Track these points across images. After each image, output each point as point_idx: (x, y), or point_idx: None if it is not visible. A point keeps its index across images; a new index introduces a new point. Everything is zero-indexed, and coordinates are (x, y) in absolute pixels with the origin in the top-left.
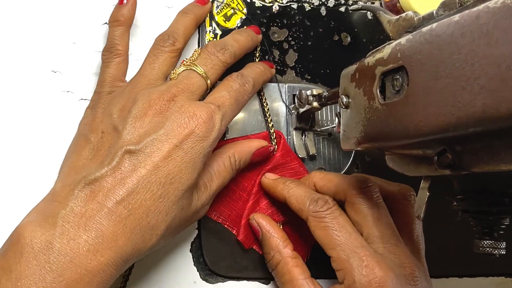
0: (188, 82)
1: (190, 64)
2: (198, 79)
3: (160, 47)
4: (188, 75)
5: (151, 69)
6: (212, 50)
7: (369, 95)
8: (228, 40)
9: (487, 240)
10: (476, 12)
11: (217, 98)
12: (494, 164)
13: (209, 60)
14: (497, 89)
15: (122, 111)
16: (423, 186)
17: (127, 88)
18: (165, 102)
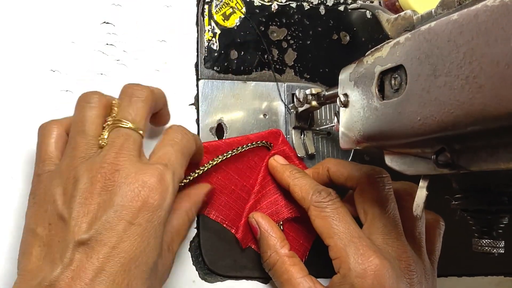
0: (121, 141)
1: (114, 122)
2: (132, 134)
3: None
4: (118, 134)
5: (83, 138)
6: (128, 91)
7: (367, 94)
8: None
9: (486, 239)
10: (474, 11)
11: (162, 156)
12: (493, 163)
13: (130, 108)
14: (496, 87)
15: (64, 195)
16: (421, 185)
17: (63, 164)
18: (108, 176)
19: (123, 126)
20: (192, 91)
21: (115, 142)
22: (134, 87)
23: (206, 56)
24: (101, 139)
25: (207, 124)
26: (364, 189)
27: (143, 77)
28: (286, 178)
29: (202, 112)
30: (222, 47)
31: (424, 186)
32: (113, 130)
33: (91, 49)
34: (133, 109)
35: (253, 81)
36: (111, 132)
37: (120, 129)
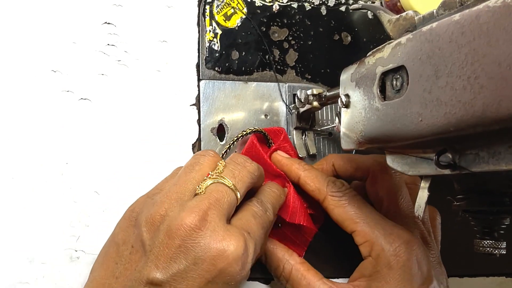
0: (218, 195)
1: (217, 176)
2: (229, 192)
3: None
4: (217, 188)
5: (187, 181)
6: (238, 160)
7: (369, 94)
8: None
9: (488, 240)
10: (476, 12)
11: (245, 223)
12: (494, 164)
13: (236, 171)
14: (498, 88)
15: (151, 224)
16: (423, 186)
17: (160, 195)
18: (195, 223)
19: (225, 183)
20: (193, 91)
21: (212, 194)
22: (246, 159)
23: (207, 56)
24: (199, 187)
25: (208, 124)
26: (378, 177)
27: (144, 78)
28: (296, 170)
29: (203, 113)
30: (223, 48)
31: (426, 186)
32: (214, 183)
33: (92, 50)
34: (239, 174)
35: (254, 81)
36: (211, 184)
37: (220, 185)
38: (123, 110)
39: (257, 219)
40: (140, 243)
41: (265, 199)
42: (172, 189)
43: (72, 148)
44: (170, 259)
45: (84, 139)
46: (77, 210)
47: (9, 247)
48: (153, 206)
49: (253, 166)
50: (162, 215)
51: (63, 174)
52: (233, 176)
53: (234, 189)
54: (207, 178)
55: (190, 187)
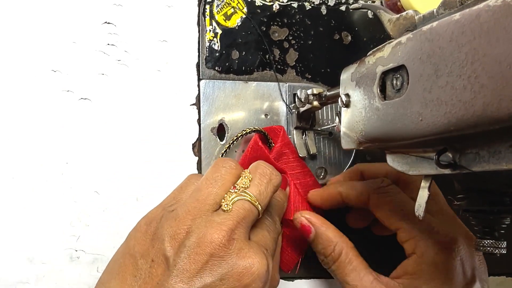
0: (243, 214)
1: (243, 193)
2: (253, 211)
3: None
4: (243, 206)
5: (209, 194)
6: (264, 171)
7: (369, 94)
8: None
9: (488, 240)
10: (476, 11)
11: (262, 240)
12: (495, 163)
13: (262, 187)
14: (498, 87)
15: (174, 239)
16: (423, 186)
17: (180, 209)
18: (223, 241)
19: (251, 201)
20: (194, 91)
21: (239, 212)
22: (272, 171)
23: (208, 56)
24: (225, 203)
25: (208, 124)
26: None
27: (144, 77)
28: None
29: (204, 112)
30: (223, 47)
31: (426, 186)
32: (241, 200)
33: (92, 49)
34: (265, 190)
35: (254, 81)
36: (238, 200)
37: (247, 202)
38: (123, 110)
39: (271, 233)
40: (163, 257)
41: (273, 211)
42: (194, 203)
43: (72, 148)
44: (196, 274)
45: (84, 139)
46: (77, 210)
47: (9, 246)
48: (175, 221)
49: (278, 179)
50: (187, 230)
51: (63, 173)
52: (259, 193)
53: (258, 206)
54: (233, 192)
55: (212, 201)
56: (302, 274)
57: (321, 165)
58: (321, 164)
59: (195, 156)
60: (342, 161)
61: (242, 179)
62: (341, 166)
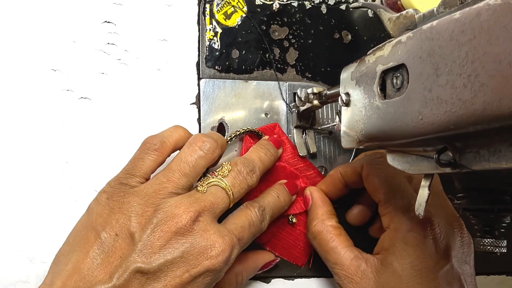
0: (215, 200)
1: (220, 180)
2: (225, 199)
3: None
4: (216, 192)
5: (183, 176)
6: (242, 169)
7: (369, 93)
8: (255, 161)
9: (488, 239)
10: (476, 10)
11: (238, 229)
12: (495, 162)
13: (238, 181)
14: (498, 86)
15: (141, 216)
16: (423, 185)
17: (150, 189)
18: (189, 221)
19: (226, 189)
20: (194, 90)
21: (209, 197)
22: (250, 173)
23: (208, 55)
24: (200, 185)
25: (208, 123)
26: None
27: (144, 77)
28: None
29: (204, 111)
30: (223, 46)
31: (426, 185)
32: (216, 185)
33: (92, 48)
34: (239, 185)
35: (254, 80)
36: (213, 185)
37: (220, 189)
38: (123, 109)
39: (251, 228)
40: (128, 232)
41: (268, 207)
42: (165, 183)
43: (72, 147)
44: (159, 250)
45: (84, 138)
46: (77, 209)
47: (10, 246)
48: (144, 198)
49: (252, 179)
50: (155, 208)
51: (63, 173)
52: (233, 185)
53: (231, 198)
54: (210, 176)
55: (184, 185)
56: (302, 273)
57: (321, 164)
58: (321, 163)
59: None
60: (342, 160)
61: (222, 168)
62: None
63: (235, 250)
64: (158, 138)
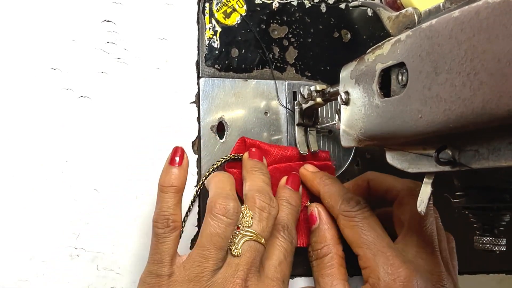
0: (252, 256)
1: (248, 233)
2: (260, 249)
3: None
4: (250, 247)
5: (218, 250)
6: (263, 205)
7: (369, 91)
8: (264, 187)
9: (488, 237)
10: (476, 8)
11: (278, 269)
12: (494, 160)
13: (264, 221)
14: (497, 84)
15: None
16: (426, 181)
17: (191, 273)
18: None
19: (257, 239)
20: (193, 89)
21: (247, 256)
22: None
23: (207, 54)
24: (235, 247)
25: (208, 122)
26: (404, 201)
27: (144, 76)
28: (317, 185)
29: (203, 111)
30: (223, 45)
31: (429, 182)
32: (247, 241)
33: (92, 47)
34: (266, 224)
35: (254, 79)
36: (244, 242)
37: (253, 242)
38: (122, 108)
39: (288, 258)
40: None
41: (289, 222)
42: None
43: (72, 146)
44: None
45: (84, 137)
46: (77, 208)
47: (10, 245)
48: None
49: (276, 208)
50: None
51: (63, 172)
52: (262, 229)
53: (263, 243)
54: (238, 234)
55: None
56: (301, 272)
57: None
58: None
59: (194, 154)
60: (341, 159)
61: (243, 218)
62: (340, 164)
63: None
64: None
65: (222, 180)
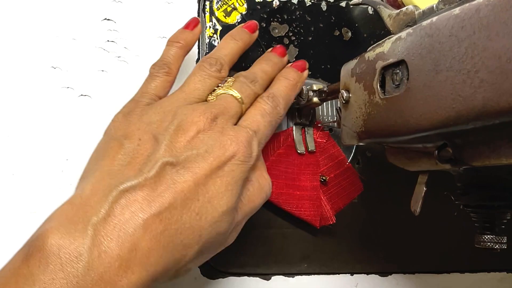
0: (227, 105)
1: (227, 89)
2: (236, 103)
3: (207, 70)
4: (226, 98)
5: (194, 89)
6: (244, 80)
7: (369, 89)
8: (258, 73)
9: (489, 235)
10: (476, 5)
11: (252, 123)
12: (494, 158)
13: (243, 88)
14: (498, 82)
15: (161, 121)
16: (420, 181)
17: (166, 101)
18: (207, 121)
19: (234, 95)
20: None
21: (222, 103)
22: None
23: (208, 52)
24: (212, 95)
25: None
26: None
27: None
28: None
29: None
30: None
31: (423, 181)
32: (224, 94)
33: (92, 46)
34: (246, 90)
35: None
36: (221, 94)
37: (230, 96)
38: None
39: (265, 117)
40: (150, 135)
41: (277, 92)
42: (180, 94)
43: (72, 144)
44: (184, 146)
45: (84, 135)
46: None
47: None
48: (161, 108)
49: (256, 87)
50: (173, 114)
51: (63, 171)
52: (240, 91)
53: (241, 102)
54: (219, 88)
55: (198, 96)
56: (302, 270)
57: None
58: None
59: None
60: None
61: (226, 82)
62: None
63: (254, 142)
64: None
65: (228, 43)
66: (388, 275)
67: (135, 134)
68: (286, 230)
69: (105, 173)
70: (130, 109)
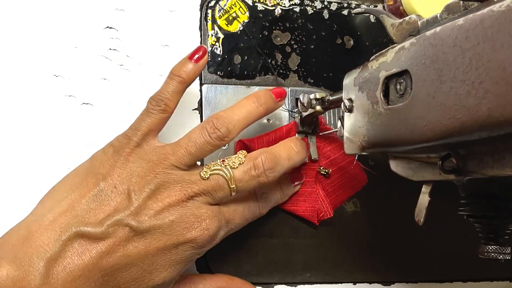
0: (216, 188)
1: (225, 170)
2: (226, 190)
3: (206, 136)
4: (218, 182)
5: (185, 154)
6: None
7: (372, 99)
8: (282, 159)
9: (493, 245)
10: (480, 16)
11: (231, 212)
12: (499, 169)
13: (246, 177)
14: (502, 93)
15: (142, 179)
16: (424, 191)
17: (155, 156)
18: (183, 197)
19: (229, 184)
20: (196, 95)
21: (211, 184)
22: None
23: (210, 60)
24: (205, 170)
25: None
26: None
27: (146, 82)
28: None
29: (206, 117)
30: (225, 52)
31: (427, 192)
32: (220, 175)
33: (94, 54)
34: (247, 181)
35: (256, 85)
36: (215, 174)
37: (223, 180)
38: (125, 115)
39: (245, 212)
40: (126, 188)
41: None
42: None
43: (74, 152)
44: (152, 215)
45: (86, 143)
46: None
47: None
48: (146, 164)
49: (268, 179)
50: (155, 175)
51: None
52: (239, 179)
53: (233, 191)
54: (219, 164)
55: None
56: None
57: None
58: None
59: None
60: None
61: (234, 158)
62: None
63: (222, 232)
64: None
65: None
66: (390, 284)
67: (113, 180)
68: (288, 240)
69: (70, 207)
70: (121, 146)
